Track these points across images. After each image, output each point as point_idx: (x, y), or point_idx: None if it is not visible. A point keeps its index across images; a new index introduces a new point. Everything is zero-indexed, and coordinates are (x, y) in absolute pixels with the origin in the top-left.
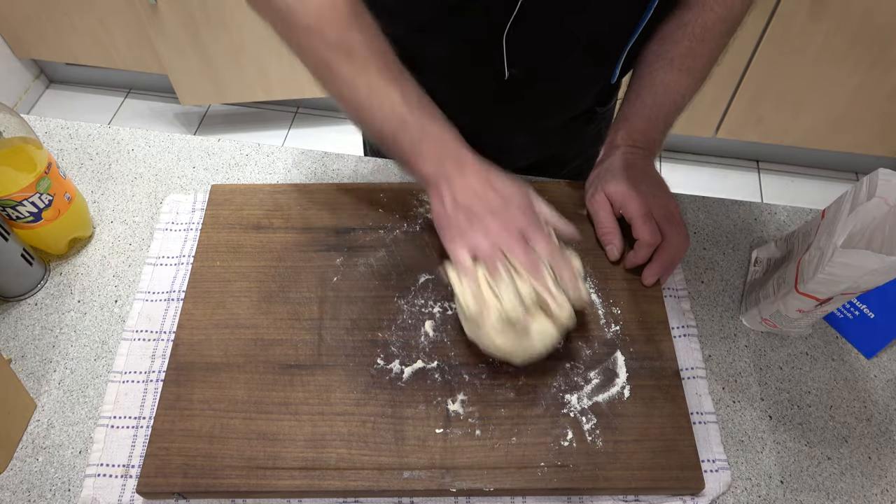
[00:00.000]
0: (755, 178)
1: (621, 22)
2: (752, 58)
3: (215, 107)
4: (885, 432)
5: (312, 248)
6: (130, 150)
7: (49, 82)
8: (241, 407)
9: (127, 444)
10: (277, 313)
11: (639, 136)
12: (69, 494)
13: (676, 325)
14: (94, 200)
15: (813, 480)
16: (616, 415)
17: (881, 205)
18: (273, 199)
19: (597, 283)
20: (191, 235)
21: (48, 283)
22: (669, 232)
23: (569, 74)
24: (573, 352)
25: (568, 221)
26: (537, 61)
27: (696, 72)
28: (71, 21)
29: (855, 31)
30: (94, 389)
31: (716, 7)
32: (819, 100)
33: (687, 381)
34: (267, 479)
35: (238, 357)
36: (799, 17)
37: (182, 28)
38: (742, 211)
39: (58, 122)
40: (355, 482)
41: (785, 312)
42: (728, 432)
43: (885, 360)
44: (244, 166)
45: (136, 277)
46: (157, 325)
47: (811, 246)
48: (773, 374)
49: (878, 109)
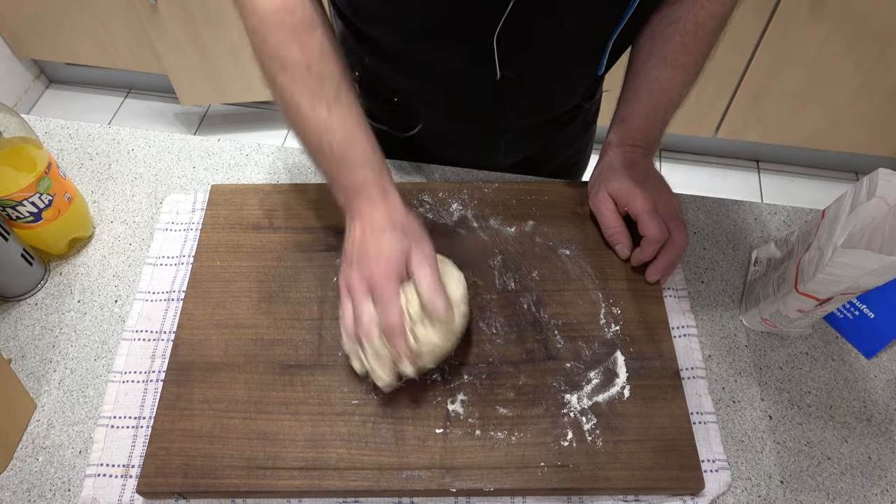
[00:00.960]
0: (755, 178)
1: (606, 16)
2: (752, 58)
3: (215, 107)
4: (885, 432)
5: (312, 248)
6: (130, 150)
7: (49, 82)
8: (241, 407)
9: (127, 444)
10: (277, 313)
11: (638, 135)
12: (69, 494)
13: (676, 325)
14: (94, 200)
15: (813, 480)
16: (616, 415)
17: (881, 205)
18: (273, 199)
19: (597, 282)
20: (191, 235)
21: (48, 283)
22: (674, 229)
23: (557, 71)
24: (573, 352)
25: (441, 296)
26: (527, 61)
27: (690, 68)
28: (71, 21)
29: (855, 31)
30: (94, 389)
31: (707, 3)
32: (819, 100)
33: (687, 381)
34: (267, 479)
35: (238, 357)
36: (799, 17)
37: (182, 28)
38: (742, 211)
39: (58, 122)
40: (355, 482)
41: (785, 312)
42: (728, 432)
43: (885, 360)
44: (244, 166)
45: (136, 277)
46: (157, 325)
47: (811, 246)
48: (773, 374)
49: (878, 109)
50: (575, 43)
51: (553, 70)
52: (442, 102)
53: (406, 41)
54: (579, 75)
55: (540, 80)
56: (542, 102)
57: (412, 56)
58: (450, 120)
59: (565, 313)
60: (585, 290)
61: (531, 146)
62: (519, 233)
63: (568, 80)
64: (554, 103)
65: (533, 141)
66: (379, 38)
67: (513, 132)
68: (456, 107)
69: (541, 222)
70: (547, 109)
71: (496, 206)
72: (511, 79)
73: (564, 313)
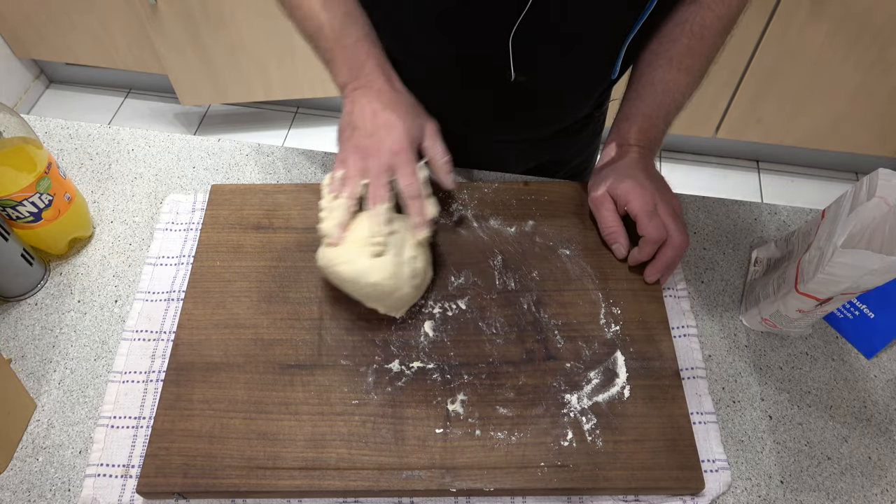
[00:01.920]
0: (755, 178)
1: (621, 17)
2: (752, 58)
3: (215, 107)
4: (885, 432)
5: (312, 248)
6: (130, 150)
7: (49, 82)
8: (241, 407)
9: (127, 444)
10: (277, 313)
11: (640, 135)
12: (69, 494)
13: (676, 325)
14: (94, 200)
15: (813, 480)
16: (616, 415)
17: (881, 205)
18: (273, 199)
19: (597, 282)
20: (191, 235)
21: (48, 283)
22: (674, 230)
23: (570, 74)
24: (573, 352)
25: (449, 170)
26: (541, 63)
27: (695, 70)
28: (71, 21)
29: (855, 31)
30: (94, 389)
31: (714, 5)
32: (819, 100)
33: (687, 381)
34: (267, 479)
35: (238, 357)
36: (799, 17)
37: (182, 28)
38: (742, 211)
39: (58, 122)
40: (355, 482)
41: (785, 312)
42: (728, 432)
43: (885, 360)
44: (244, 166)
45: (136, 277)
46: (157, 325)
47: (811, 246)
48: (773, 374)
49: (878, 109)
50: (590, 45)
51: (567, 73)
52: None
53: (419, 31)
54: (593, 80)
55: (553, 85)
56: (555, 111)
57: (423, 50)
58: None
59: (565, 313)
60: (585, 290)
61: (541, 156)
62: (519, 233)
63: (581, 85)
64: (566, 112)
65: (543, 151)
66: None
67: (523, 143)
68: (466, 113)
69: (541, 222)
70: (559, 118)
71: (496, 206)
72: (524, 84)
73: (564, 313)
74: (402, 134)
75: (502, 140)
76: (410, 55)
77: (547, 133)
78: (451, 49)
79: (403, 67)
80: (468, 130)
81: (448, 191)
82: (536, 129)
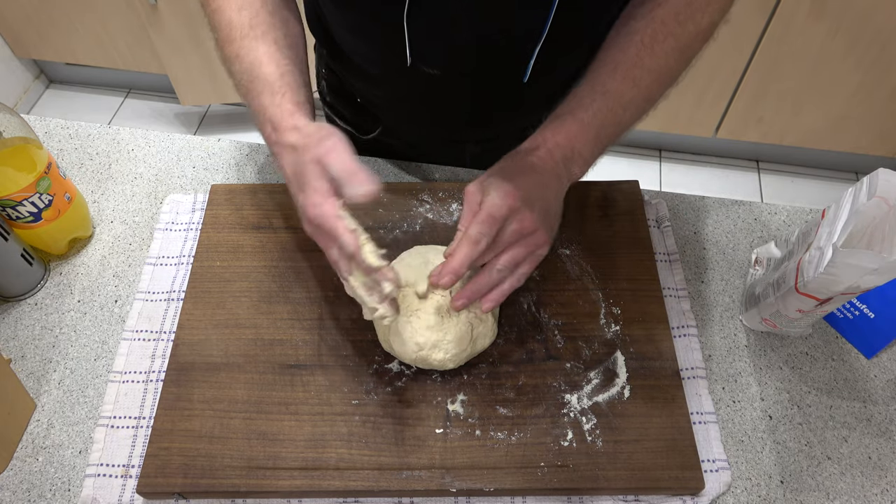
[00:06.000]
0: (755, 178)
1: (527, 24)
2: (752, 58)
3: (215, 107)
4: (885, 432)
5: (312, 248)
6: (130, 150)
7: (49, 82)
8: (242, 407)
9: (127, 444)
10: (277, 313)
11: (562, 140)
12: (69, 494)
13: (676, 325)
14: (94, 200)
15: (813, 480)
16: (616, 415)
17: (881, 205)
18: (273, 199)
19: (597, 282)
20: (191, 235)
21: (48, 283)
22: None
23: (481, 72)
24: (573, 352)
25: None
26: (446, 57)
27: (643, 86)
28: (71, 21)
29: (855, 31)
30: (94, 389)
31: (667, 20)
32: (819, 100)
33: (687, 381)
34: (267, 479)
35: (238, 357)
36: (799, 17)
37: (182, 28)
38: (742, 211)
39: (58, 122)
40: (355, 482)
41: (785, 312)
42: (728, 432)
43: (885, 360)
44: (244, 166)
45: (136, 277)
46: (157, 325)
47: (811, 246)
48: (773, 374)
49: (878, 109)
50: (488, 43)
51: (477, 71)
52: (392, 105)
53: (337, 27)
54: (506, 80)
55: (467, 82)
56: (480, 110)
57: (345, 41)
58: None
59: (565, 313)
60: (585, 290)
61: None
62: None
63: (497, 83)
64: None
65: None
66: (327, 28)
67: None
68: (403, 109)
69: None
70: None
71: None
72: (438, 78)
73: (564, 313)
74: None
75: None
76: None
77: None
78: (356, 25)
79: (340, 56)
80: (413, 128)
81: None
82: (477, 130)
